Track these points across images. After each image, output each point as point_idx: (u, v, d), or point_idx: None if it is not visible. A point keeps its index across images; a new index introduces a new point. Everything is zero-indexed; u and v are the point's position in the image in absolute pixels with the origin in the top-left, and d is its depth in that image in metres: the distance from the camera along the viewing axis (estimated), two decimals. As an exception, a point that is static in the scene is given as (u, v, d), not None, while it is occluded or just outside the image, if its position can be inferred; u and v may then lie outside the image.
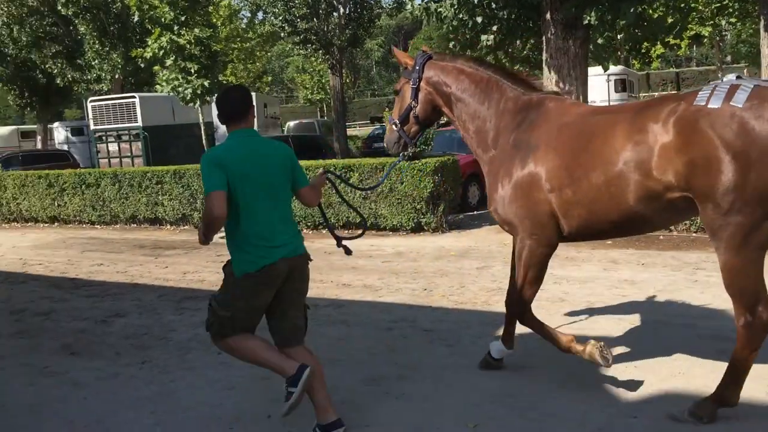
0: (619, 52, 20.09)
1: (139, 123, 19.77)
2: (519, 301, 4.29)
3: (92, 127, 20.99)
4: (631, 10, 8.74)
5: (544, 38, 10.01)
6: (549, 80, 9.97)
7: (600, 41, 10.30)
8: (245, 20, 36.23)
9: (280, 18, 24.27)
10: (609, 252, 8.29)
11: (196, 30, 14.68)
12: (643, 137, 3.53)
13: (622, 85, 25.84)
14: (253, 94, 27.02)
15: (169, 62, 14.98)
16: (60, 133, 30.64)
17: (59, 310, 7.26)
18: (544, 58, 10.11)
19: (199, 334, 6.05)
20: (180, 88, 15.07)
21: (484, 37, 10.21)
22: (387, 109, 40.29)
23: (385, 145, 4.89)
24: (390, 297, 6.95)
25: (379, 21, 29.47)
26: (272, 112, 27.76)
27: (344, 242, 4.41)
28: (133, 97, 20.25)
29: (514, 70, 4.68)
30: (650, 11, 10.65)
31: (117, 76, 24.01)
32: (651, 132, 3.51)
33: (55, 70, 26.01)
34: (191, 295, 7.56)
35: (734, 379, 3.58)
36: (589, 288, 6.77)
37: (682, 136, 3.38)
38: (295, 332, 3.89)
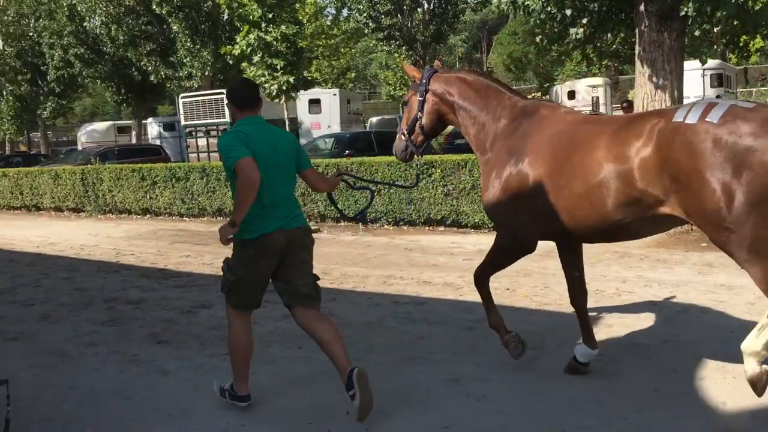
0: (715, 46, 19.17)
1: (227, 119, 20.24)
2: (480, 276, 4.71)
3: (182, 122, 21.68)
4: (733, 1, 8.27)
5: (637, 31, 9.62)
6: (642, 74, 9.58)
7: (696, 33, 9.80)
8: (330, 17, 36.61)
9: (365, 14, 24.40)
10: (704, 255, 7.88)
11: (283, 27, 14.91)
12: (624, 150, 3.68)
13: (718, 80, 24.68)
14: (337, 90, 27.31)
15: (256, 59, 15.29)
16: (153, 129, 31.88)
17: (148, 300, 7.49)
18: (636, 51, 9.71)
19: (280, 328, 6.13)
20: (266, 84, 15.35)
21: (573, 31, 9.91)
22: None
23: (394, 152, 5.17)
24: (471, 296, 6.80)
25: (463, 16, 29.19)
26: (355, 108, 27.96)
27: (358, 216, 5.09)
28: (221, 93, 20.75)
29: (507, 84, 4.89)
30: (751, 1, 10.07)
31: (207, 73, 24.70)
32: (632, 146, 3.65)
33: (150, 68, 27.02)
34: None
35: None
36: (682, 292, 6.46)
37: (660, 152, 3.51)
38: (298, 298, 4.25)
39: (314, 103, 24.80)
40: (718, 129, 3.34)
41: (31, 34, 34.45)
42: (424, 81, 4.85)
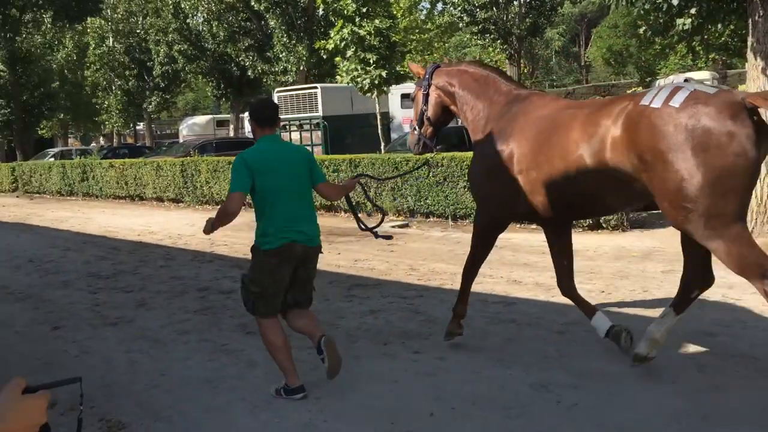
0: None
1: (320, 113, 20.49)
2: (471, 263, 5.05)
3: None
4: None
5: (750, 21, 9.01)
6: (755, 67, 8.97)
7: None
8: (425, 11, 36.47)
9: (459, 8, 24.12)
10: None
11: (377, 21, 14.91)
12: (597, 130, 3.94)
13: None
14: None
15: (349, 53, 15.35)
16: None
17: (239, 290, 7.61)
18: (749, 42, 9.10)
19: (366, 323, 6.09)
20: (359, 79, 15.40)
21: (679, 21, 9.40)
22: (566, 101, 38.87)
23: (408, 146, 5.49)
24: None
25: (561, 9, 28.42)
26: (448, 102, 27.68)
27: (379, 233, 5.25)
28: (315, 87, 21.02)
29: (504, 73, 5.17)
30: None
31: (302, 68, 25.10)
32: (604, 126, 3.90)
33: (247, 63, 27.72)
34: (361, 283, 7.64)
35: None
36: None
37: (628, 132, 3.74)
38: (298, 303, 4.58)
39: (407, 98, 24.75)
40: (679, 113, 3.54)
41: (138, 31, 36.09)
42: (427, 76, 5.18)
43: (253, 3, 24.52)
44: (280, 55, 25.31)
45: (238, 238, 11.15)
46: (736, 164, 3.44)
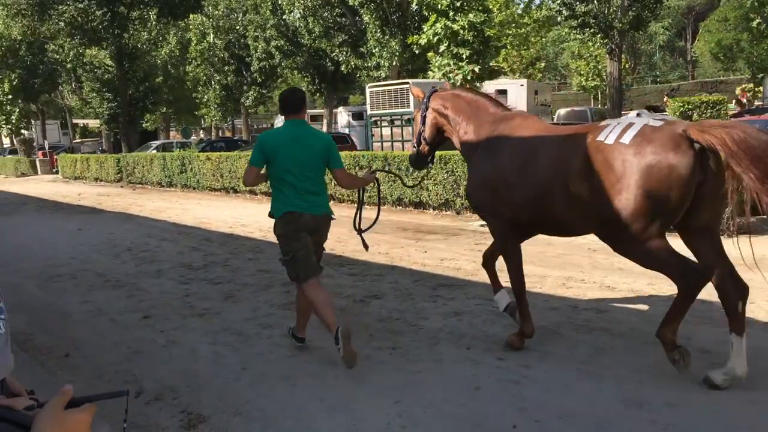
0: None
1: (411, 108, 20.36)
2: (515, 280, 5.32)
3: (369, 111, 22.16)
4: None
5: None
6: None
7: None
8: (522, 5, 35.73)
9: (558, 1, 23.42)
10: None
11: (471, 15, 14.65)
12: (564, 162, 4.38)
13: None
14: (524, 80, 26.57)
15: (442, 48, 15.18)
16: (342, 117, 33.00)
17: (325, 286, 7.60)
18: None
19: (449, 325, 5.92)
20: (451, 74, 15.20)
21: (798, 13, 8.69)
22: (667, 97, 37.24)
23: (409, 161, 6.06)
24: (661, 306, 6.18)
25: (667, 1, 27.15)
26: (543, 99, 27.06)
27: (363, 236, 5.59)
28: (406, 83, 20.91)
29: (492, 97, 5.57)
30: None
31: (394, 63, 25.08)
32: (570, 157, 4.36)
33: (341, 58, 27.97)
34: (446, 283, 7.48)
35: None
36: None
37: (586, 163, 4.24)
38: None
39: (500, 94, 24.32)
40: (627, 149, 4.07)
41: (237, 27, 37.10)
42: (425, 100, 5.64)
43: (348, -2, 24.76)
44: (374, 51, 25.38)
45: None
46: (672, 193, 3.96)
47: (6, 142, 50.76)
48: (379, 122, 21.40)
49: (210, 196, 19.38)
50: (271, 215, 5.08)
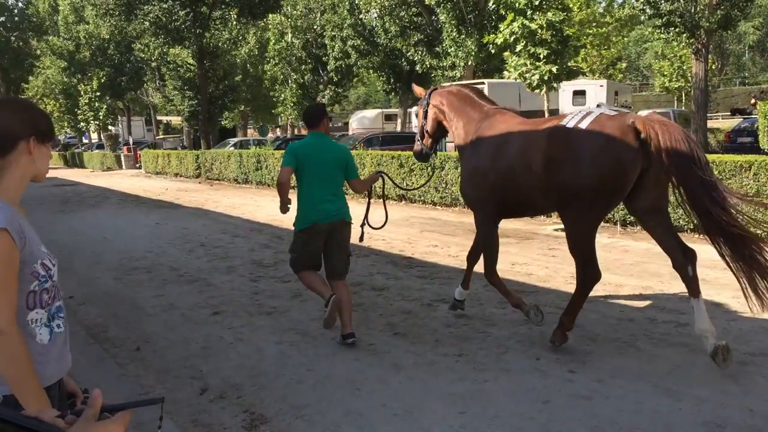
0: None
1: (486, 108, 20.09)
2: (487, 264, 5.87)
3: (443, 111, 21.99)
4: None
5: None
6: None
7: None
8: (603, 4, 34.78)
9: (642, 0, 22.61)
10: None
11: (549, 14, 14.28)
12: (530, 145, 5.01)
13: None
14: (604, 81, 25.82)
15: (519, 47, 14.84)
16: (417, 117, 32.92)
17: (391, 288, 7.54)
18: None
19: (519, 333, 5.74)
20: (527, 74, 14.85)
21: None
22: (756, 99, 35.52)
23: (414, 155, 6.62)
24: (747, 321, 5.82)
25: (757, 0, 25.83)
26: (623, 100, 26.22)
27: (364, 229, 6.08)
28: (482, 83, 20.62)
29: (482, 93, 6.13)
30: None
31: (469, 63, 24.79)
32: (534, 141, 4.98)
33: (416, 58, 27.87)
34: (516, 288, 7.25)
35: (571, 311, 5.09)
36: None
37: (550, 146, 4.83)
38: (334, 273, 5.65)
39: (578, 95, 23.70)
40: (583, 132, 4.67)
41: (315, 27, 37.52)
42: (426, 96, 6.28)
43: (424, -3, 24.62)
44: (449, 50, 25.15)
45: (397, 233, 11.13)
46: (617, 173, 4.59)
47: (94, 137, 53.00)
48: (452, 122, 21.18)
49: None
50: (294, 227, 5.71)
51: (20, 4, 45.01)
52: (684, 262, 4.89)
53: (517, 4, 14.66)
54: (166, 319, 6.75)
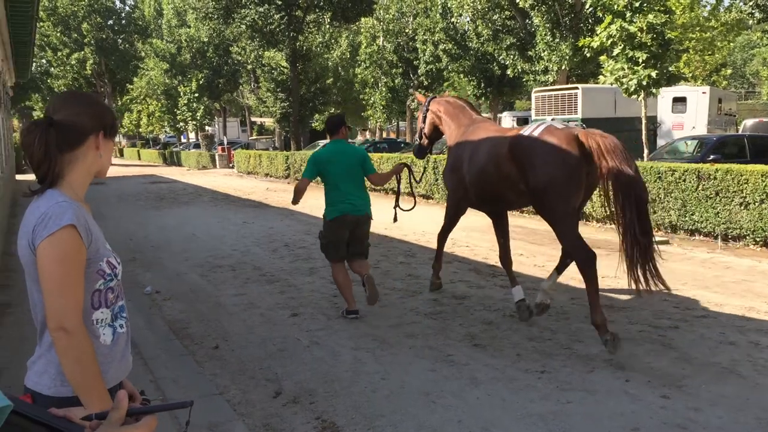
0: None
1: (579, 114, 19.46)
2: (443, 230, 7.11)
3: (534, 116, 21.47)
4: None
5: None
6: None
7: None
8: (708, 7, 33.20)
9: (750, 3, 21.38)
10: None
11: (650, 16, 13.64)
12: (497, 150, 5.91)
13: None
14: (707, 88, 24.58)
15: (616, 51, 14.25)
16: (507, 122, 32.38)
17: (473, 297, 7.31)
18: None
19: (606, 352, 5.39)
20: (624, 79, 14.24)
21: None
22: None
23: (413, 153, 7.72)
24: None
25: None
26: (727, 108, 24.87)
27: (397, 210, 7.07)
28: (576, 88, 20.02)
29: (471, 104, 7.18)
30: None
31: (563, 67, 24.12)
32: (501, 146, 5.87)
33: (508, 62, 27.39)
34: (605, 303, 6.86)
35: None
36: None
37: (510, 151, 5.72)
38: (355, 254, 6.56)
39: (678, 102, 22.61)
40: (535, 140, 5.52)
41: (407, 30, 37.55)
42: (426, 103, 7.28)
43: (518, 0, 24.08)
44: (542, 54, 24.57)
45: (481, 240, 10.87)
46: (563, 176, 5.40)
47: (192, 136, 54.96)
48: (543, 128, 20.66)
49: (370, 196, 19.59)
50: (324, 216, 6.60)
51: (127, 8, 47.19)
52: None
53: (615, 6, 14.10)
54: (245, 318, 6.78)
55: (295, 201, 6.57)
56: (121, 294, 2.19)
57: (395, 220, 7.18)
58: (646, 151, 15.54)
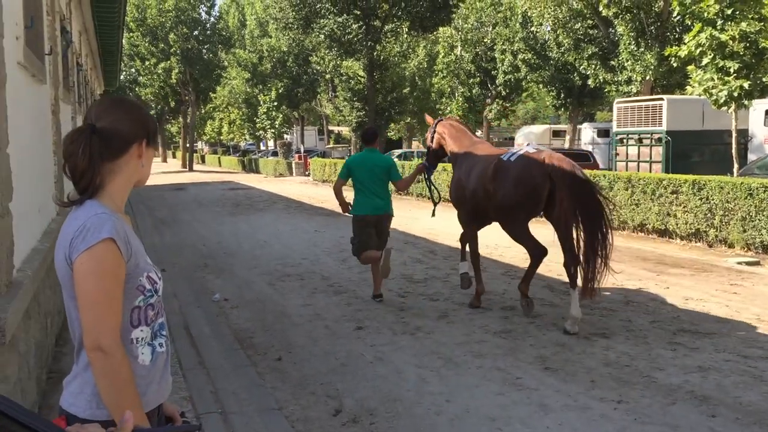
0: None
1: (663, 127, 18.66)
2: (464, 237, 7.72)
3: (615, 128, 20.76)
4: None
5: None
6: None
7: None
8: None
9: None
10: None
11: (743, 24, 12.91)
12: (483, 171, 6.95)
13: None
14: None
15: (705, 61, 13.56)
16: (587, 134, 31.51)
17: (546, 315, 6.99)
18: None
19: (690, 382, 5.02)
20: (714, 90, 13.52)
21: None
22: None
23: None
24: None
25: None
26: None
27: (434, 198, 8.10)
28: (661, 99, 19.22)
29: (470, 128, 8.29)
30: None
31: (648, 78, 23.25)
32: (486, 169, 6.91)
33: (589, 72, 26.63)
34: (689, 328, 6.46)
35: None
36: None
37: (492, 173, 6.77)
38: (379, 246, 7.46)
39: (771, 115, 21.42)
40: (511, 164, 6.66)
41: (486, 40, 37.14)
42: (434, 124, 8.03)
43: (601, 9, 23.37)
44: (626, 64, 23.75)
45: (557, 255, 10.44)
46: (530, 192, 6.57)
47: (270, 144, 55.97)
48: (625, 140, 19.95)
49: (443, 207, 19.34)
50: (353, 216, 7.64)
51: (212, 20, 48.44)
52: (572, 264, 6.63)
53: (705, 14, 13.43)
54: (310, 329, 6.67)
55: (342, 206, 7.69)
56: (161, 311, 2.07)
57: (433, 215, 8.11)
58: (736, 166, 14.71)
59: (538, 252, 6.83)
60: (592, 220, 6.29)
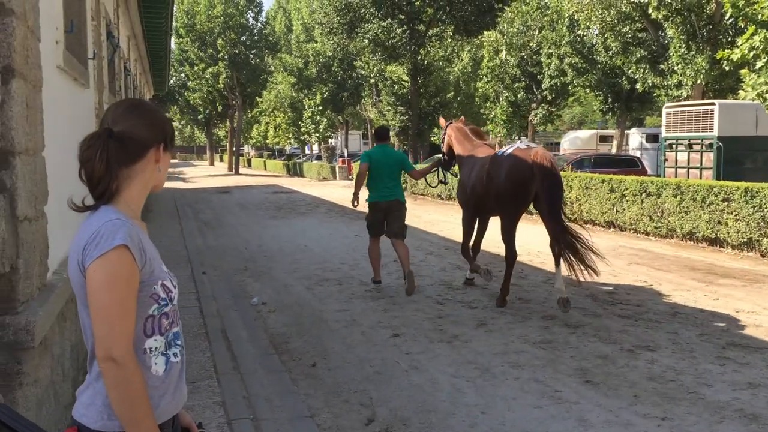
0: None
1: (714, 132, 18.10)
2: (463, 244, 8.68)
3: (664, 133, 20.23)
4: None
5: None
6: None
7: None
8: None
9: None
10: None
11: (799, 26, 12.44)
12: (482, 167, 7.87)
13: None
14: None
15: (759, 64, 13.11)
16: (635, 139, 30.89)
17: (587, 326, 6.78)
18: None
19: (740, 400, 4.79)
20: (767, 95, 13.06)
21: None
22: None
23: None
24: None
25: None
26: None
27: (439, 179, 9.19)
28: (712, 104, 18.64)
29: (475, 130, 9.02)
30: None
31: (699, 82, 22.63)
32: (484, 164, 7.85)
33: (638, 76, 26.04)
34: (740, 342, 6.20)
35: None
36: None
37: (489, 166, 7.72)
38: (392, 234, 8.46)
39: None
40: (505, 158, 7.54)
41: (531, 44, 36.71)
42: (446, 127, 8.97)
43: (651, 12, 22.83)
44: (676, 68, 23.14)
45: (600, 264, 10.18)
46: (520, 183, 7.38)
47: (315, 148, 56.31)
48: (674, 146, 19.43)
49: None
50: (367, 200, 8.56)
51: (260, 25, 49.00)
52: (556, 249, 7.28)
53: (760, 16, 12.98)
54: (346, 335, 6.60)
55: (355, 196, 8.68)
56: (176, 320, 2.01)
57: (445, 182, 9.24)
58: (791, 172, 14.16)
59: (510, 256, 7.66)
60: (555, 211, 7.20)
